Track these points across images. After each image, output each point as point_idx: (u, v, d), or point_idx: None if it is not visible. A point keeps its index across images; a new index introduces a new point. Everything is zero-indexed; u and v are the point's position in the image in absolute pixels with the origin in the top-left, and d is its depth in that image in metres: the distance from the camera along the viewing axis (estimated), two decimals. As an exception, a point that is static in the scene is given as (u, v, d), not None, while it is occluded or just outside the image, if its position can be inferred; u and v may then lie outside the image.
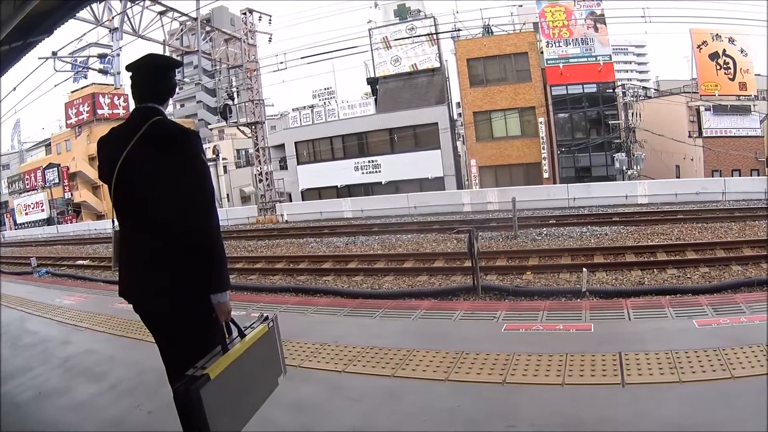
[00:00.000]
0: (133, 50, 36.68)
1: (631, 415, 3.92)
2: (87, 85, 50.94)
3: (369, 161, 42.60)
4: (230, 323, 3.22)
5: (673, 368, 4.48)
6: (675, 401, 4.04)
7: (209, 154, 51.22)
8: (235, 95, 37.64)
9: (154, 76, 3.27)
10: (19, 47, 8.53)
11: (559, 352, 5.10)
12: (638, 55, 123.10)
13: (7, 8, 6.52)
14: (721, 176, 34.67)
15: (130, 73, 3.27)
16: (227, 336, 3.19)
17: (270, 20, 36.34)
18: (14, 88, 25.37)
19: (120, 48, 26.37)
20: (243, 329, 3.27)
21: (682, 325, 5.58)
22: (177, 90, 3.49)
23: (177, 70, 3.46)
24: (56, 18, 8.40)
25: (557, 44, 38.71)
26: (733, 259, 12.90)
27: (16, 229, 65.98)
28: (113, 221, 3.35)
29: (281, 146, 46.38)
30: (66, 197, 63.30)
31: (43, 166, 67.23)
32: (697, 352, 4.72)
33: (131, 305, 3.30)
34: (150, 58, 3.33)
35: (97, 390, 5.41)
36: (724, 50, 38.80)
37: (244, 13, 36.62)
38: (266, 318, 3.48)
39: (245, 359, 3.12)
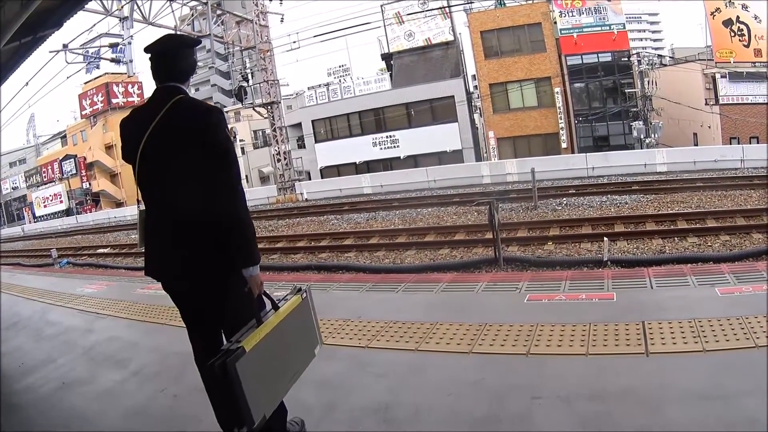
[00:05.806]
0: (145, 38, 36.77)
1: (655, 385, 3.87)
2: (100, 75, 51.28)
3: (387, 137, 42.66)
4: (263, 296, 3.24)
5: (697, 337, 4.43)
6: (699, 370, 4.00)
7: (227, 137, 51.33)
8: (250, 77, 37.49)
9: (174, 56, 3.26)
10: (30, 42, 8.54)
11: (582, 321, 5.07)
12: (652, 23, 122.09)
13: (14, 6, 6.52)
14: (739, 143, 34.22)
15: (149, 55, 3.26)
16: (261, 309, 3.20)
17: (281, 1, 36.19)
18: (27, 83, 25.19)
19: (131, 36, 26.38)
20: (277, 302, 3.28)
21: (704, 294, 5.52)
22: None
23: (196, 48, 3.45)
24: (65, 11, 8.39)
25: (570, 14, 38.45)
26: (754, 227, 12.76)
27: (35, 221, 66.43)
28: (138, 201, 3.35)
29: (298, 125, 46.52)
30: (84, 187, 63.75)
31: (60, 158, 67.80)
32: (720, 321, 4.65)
33: (157, 286, 3.31)
34: (168, 38, 3.33)
35: (121, 376, 5.44)
36: (738, 17, 38.20)
37: (254, -5, 36.30)
38: (299, 289, 3.49)
39: (280, 331, 3.14)
